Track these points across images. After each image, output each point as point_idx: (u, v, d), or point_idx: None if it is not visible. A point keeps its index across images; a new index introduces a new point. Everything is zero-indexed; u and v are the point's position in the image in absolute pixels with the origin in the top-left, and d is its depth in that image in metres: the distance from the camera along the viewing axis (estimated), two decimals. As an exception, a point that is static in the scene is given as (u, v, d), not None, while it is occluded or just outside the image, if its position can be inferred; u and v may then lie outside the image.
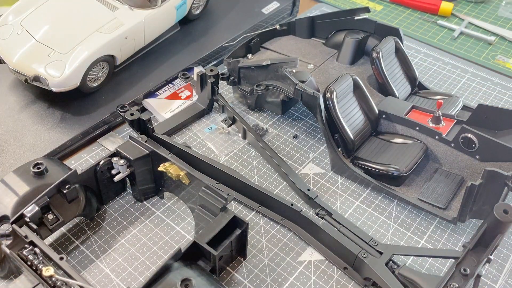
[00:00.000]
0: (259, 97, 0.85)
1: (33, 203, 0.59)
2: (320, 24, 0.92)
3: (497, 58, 1.05)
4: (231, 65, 0.84)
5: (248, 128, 0.81)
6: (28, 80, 0.80)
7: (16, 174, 0.64)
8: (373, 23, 0.88)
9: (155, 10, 0.89)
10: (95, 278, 0.62)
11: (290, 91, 0.77)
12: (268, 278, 0.63)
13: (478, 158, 0.70)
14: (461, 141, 0.70)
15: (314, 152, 0.81)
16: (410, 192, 0.71)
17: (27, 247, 0.56)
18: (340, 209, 0.72)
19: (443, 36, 1.11)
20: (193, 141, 0.82)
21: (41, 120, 0.81)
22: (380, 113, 0.77)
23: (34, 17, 0.84)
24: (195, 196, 0.65)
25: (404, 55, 0.85)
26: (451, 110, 0.79)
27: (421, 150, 0.73)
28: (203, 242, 0.57)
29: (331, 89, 0.72)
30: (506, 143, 0.67)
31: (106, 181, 0.68)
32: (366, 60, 0.88)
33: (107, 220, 0.69)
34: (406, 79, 0.85)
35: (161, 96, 0.88)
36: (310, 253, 0.66)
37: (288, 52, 0.89)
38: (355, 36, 0.87)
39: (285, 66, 0.77)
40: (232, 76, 0.85)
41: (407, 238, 0.69)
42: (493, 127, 0.74)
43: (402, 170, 0.70)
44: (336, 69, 0.86)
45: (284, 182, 0.76)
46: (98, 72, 0.84)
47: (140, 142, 0.68)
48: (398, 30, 0.85)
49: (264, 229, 0.69)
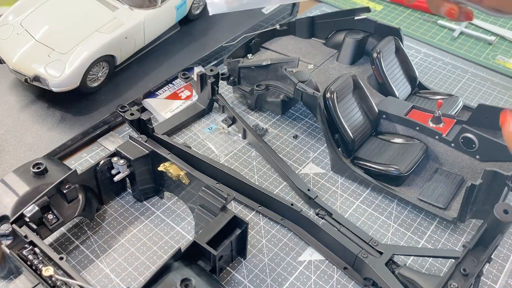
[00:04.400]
0: (259, 97, 0.85)
1: (33, 203, 0.59)
2: (320, 24, 0.92)
3: (497, 58, 1.05)
4: (231, 65, 0.84)
5: (248, 128, 0.81)
6: (28, 80, 0.80)
7: (16, 174, 0.64)
8: (373, 23, 0.88)
9: (155, 10, 0.89)
10: (95, 278, 0.62)
11: (290, 91, 0.77)
12: (268, 278, 0.63)
13: (478, 158, 0.70)
14: (461, 141, 0.70)
15: (314, 152, 0.81)
16: (410, 192, 0.71)
17: (27, 247, 0.56)
18: (340, 209, 0.72)
19: (443, 36, 1.11)
20: (193, 141, 0.82)
21: (41, 120, 0.81)
22: (380, 113, 0.77)
23: (34, 17, 0.84)
24: (195, 196, 0.65)
25: (404, 55, 0.85)
26: (451, 110, 0.79)
27: (421, 150, 0.73)
28: (203, 242, 0.57)
29: (331, 89, 0.72)
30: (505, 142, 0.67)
31: (106, 181, 0.68)
32: (366, 60, 0.89)
33: (107, 220, 0.69)
34: (406, 79, 0.85)
35: (161, 96, 0.88)
36: (310, 253, 0.66)
37: (288, 52, 0.89)
38: (355, 36, 0.87)
39: (285, 66, 0.77)
40: (232, 76, 0.85)
41: (407, 238, 0.69)
42: (493, 127, 0.74)
43: (402, 170, 0.70)
44: (336, 69, 0.86)
45: (284, 182, 0.76)
46: (98, 72, 0.84)
47: (140, 142, 0.68)
48: (398, 30, 0.85)
49: (264, 229, 0.69)
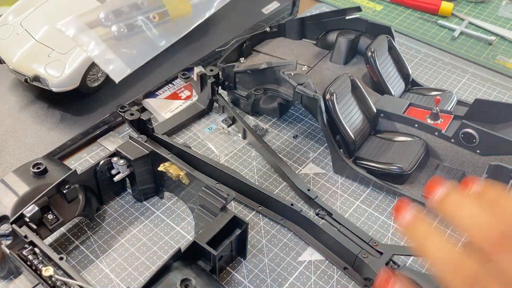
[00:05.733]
0: (255, 101, 0.84)
1: (33, 203, 0.59)
2: (310, 25, 0.92)
3: (497, 58, 1.05)
4: (226, 70, 0.83)
5: (248, 128, 0.80)
6: (28, 80, 0.80)
7: (16, 174, 0.64)
8: (365, 22, 0.87)
9: (155, 10, 0.89)
10: (95, 278, 0.62)
11: (289, 94, 0.77)
12: (268, 278, 0.63)
13: (479, 153, 0.70)
14: (462, 136, 0.70)
15: (314, 152, 0.81)
16: (414, 190, 0.72)
17: (27, 247, 0.56)
18: (340, 209, 0.72)
19: (443, 36, 1.11)
20: (193, 141, 0.82)
21: (41, 120, 0.81)
22: (378, 112, 0.77)
23: (34, 17, 0.84)
24: (195, 196, 0.65)
25: (397, 53, 0.86)
26: (446, 105, 0.79)
27: (421, 147, 0.73)
28: (203, 242, 0.57)
29: (330, 91, 0.72)
30: (506, 136, 0.67)
31: (106, 181, 0.68)
32: (359, 59, 0.88)
33: (107, 220, 0.69)
34: (400, 77, 0.85)
35: (161, 96, 0.88)
36: (310, 253, 0.66)
37: (281, 54, 0.89)
38: (348, 36, 0.87)
39: (283, 69, 0.77)
40: (227, 81, 0.84)
41: (407, 238, 0.69)
42: (491, 121, 0.74)
43: (405, 168, 0.70)
44: (330, 70, 0.86)
45: (284, 182, 0.76)
46: (98, 72, 0.84)
47: (140, 142, 0.68)
48: (389, 28, 0.85)
49: (264, 229, 0.69)
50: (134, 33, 0.67)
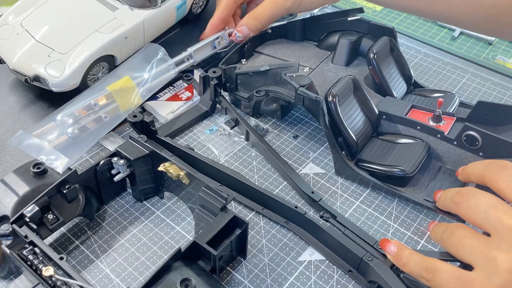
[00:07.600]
0: (257, 103, 0.84)
1: (33, 203, 0.59)
2: (312, 26, 0.92)
3: (497, 58, 1.05)
4: (227, 71, 0.83)
5: (251, 129, 0.80)
6: (28, 80, 0.80)
7: (16, 174, 0.64)
8: (367, 23, 0.87)
9: (155, 10, 0.89)
10: (95, 278, 0.62)
11: (291, 96, 0.76)
12: (268, 278, 0.63)
13: (481, 155, 0.70)
14: (464, 139, 0.70)
15: (314, 152, 0.81)
16: (416, 192, 0.71)
17: (27, 247, 0.56)
18: (340, 209, 0.72)
19: (443, 36, 1.11)
20: (193, 142, 0.82)
21: (41, 120, 0.81)
22: (381, 114, 0.77)
23: (34, 17, 0.84)
24: (195, 196, 0.65)
25: (399, 54, 0.85)
26: (448, 107, 0.79)
27: (424, 150, 0.73)
28: (203, 242, 0.57)
29: (333, 93, 0.72)
30: (509, 138, 0.67)
31: (106, 181, 0.68)
32: (361, 61, 0.88)
33: (107, 220, 0.69)
34: (402, 78, 0.85)
35: (162, 98, 0.88)
36: (310, 253, 0.66)
37: (282, 56, 0.89)
38: (350, 37, 0.86)
39: (285, 71, 0.76)
40: (228, 83, 0.84)
41: (407, 238, 0.69)
42: (493, 123, 0.74)
43: (408, 171, 0.70)
44: (332, 71, 0.86)
45: (284, 182, 0.76)
46: (98, 72, 0.84)
47: (140, 142, 0.68)
48: (392, 30, 0.85)
49: (264, 229, 0.69)
50: (86, 133, 0.73)
